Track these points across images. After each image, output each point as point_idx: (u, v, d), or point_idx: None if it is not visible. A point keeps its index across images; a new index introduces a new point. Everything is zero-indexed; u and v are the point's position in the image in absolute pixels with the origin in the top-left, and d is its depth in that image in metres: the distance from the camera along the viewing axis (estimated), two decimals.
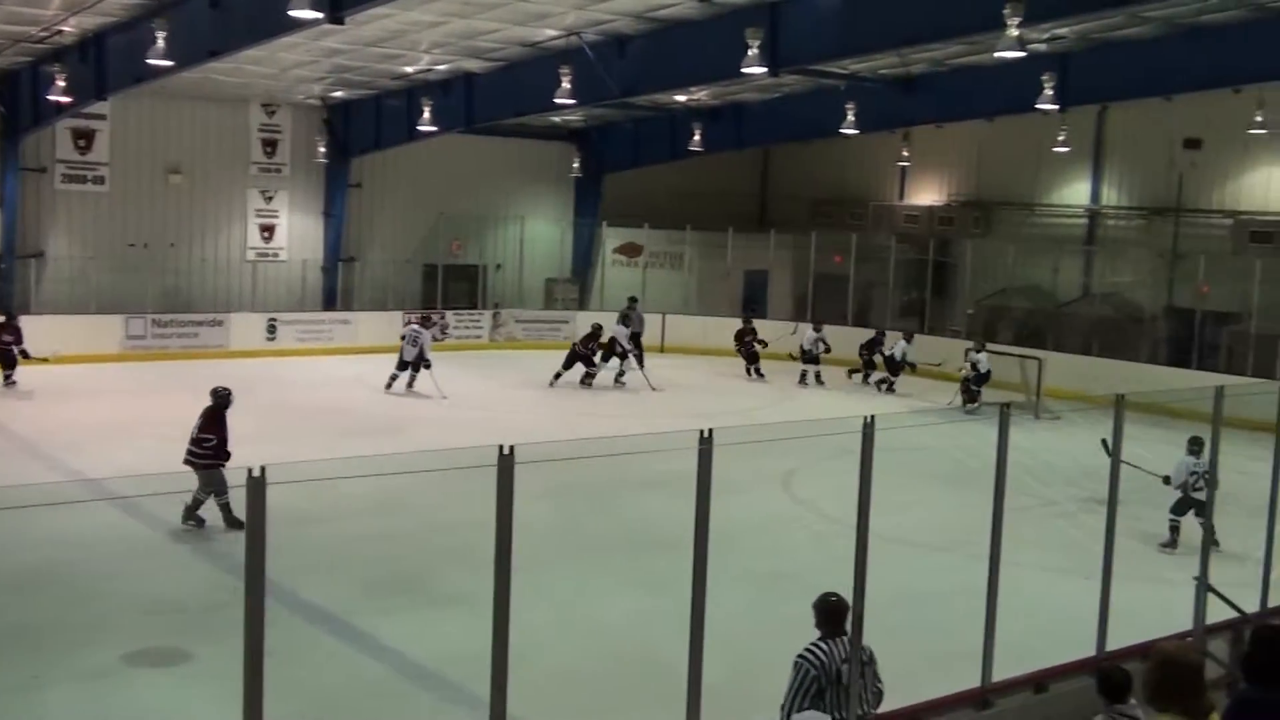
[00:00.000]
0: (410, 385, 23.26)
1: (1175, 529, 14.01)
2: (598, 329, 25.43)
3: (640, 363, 25.94)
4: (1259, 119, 23.67)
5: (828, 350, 26.45)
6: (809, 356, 26.33)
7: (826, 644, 7.05)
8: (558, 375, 24.78)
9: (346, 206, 30.62)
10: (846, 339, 28.02)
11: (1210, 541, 12.06)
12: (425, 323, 24.63)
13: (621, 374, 25.28)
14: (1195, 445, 13.82)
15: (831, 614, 7.15)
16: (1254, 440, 11.59)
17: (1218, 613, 9.51)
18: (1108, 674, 7.05)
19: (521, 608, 6.25)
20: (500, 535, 6.12)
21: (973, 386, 23.53)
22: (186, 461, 13.43)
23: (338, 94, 28.66)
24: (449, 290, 31.47)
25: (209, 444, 13.37)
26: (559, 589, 11.11)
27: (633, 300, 28.84)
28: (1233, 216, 26.27)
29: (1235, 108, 24.41)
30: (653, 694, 8.83)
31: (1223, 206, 26.81)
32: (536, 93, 22.79)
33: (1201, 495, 12.86)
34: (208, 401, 13.85)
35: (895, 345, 26.16)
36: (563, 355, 25.30)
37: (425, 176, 31.25)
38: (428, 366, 23.19)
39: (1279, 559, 10.65)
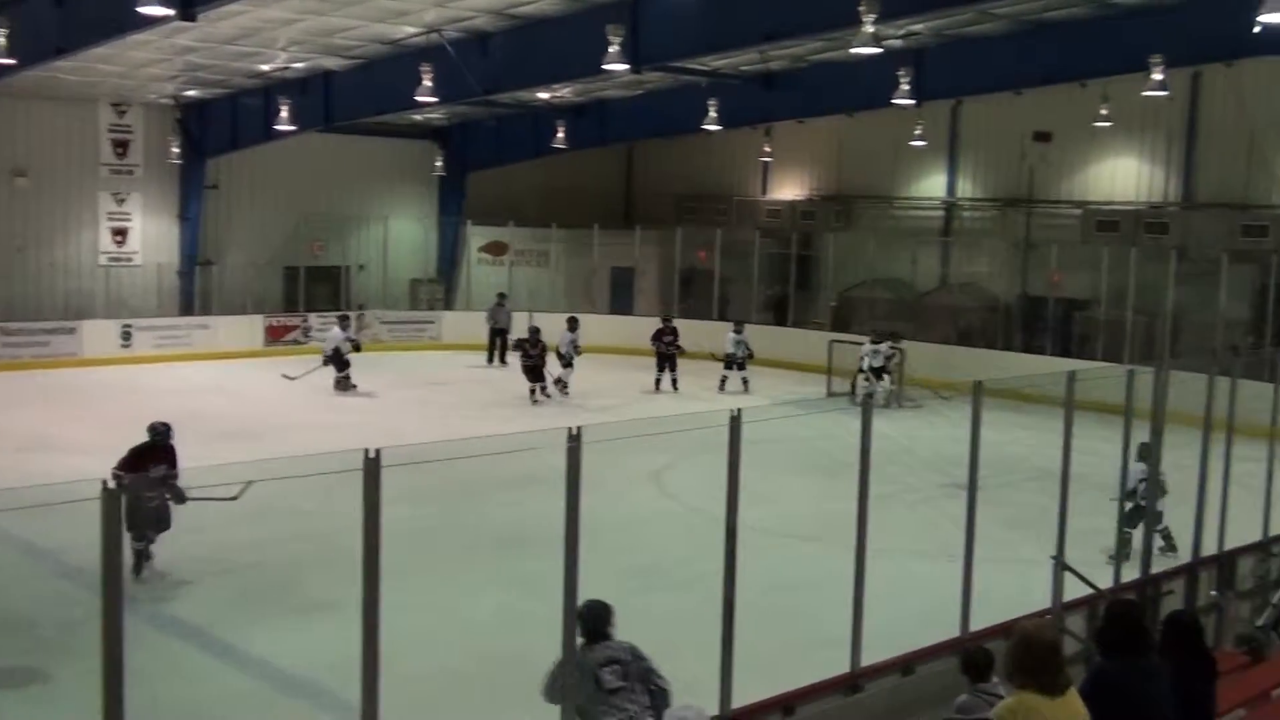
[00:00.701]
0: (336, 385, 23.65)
1: (1128, 541, 12.42)
2: (536, 330, 24.52)
3: (503, 358, 26.02)
4: (1104, 112, 24.50)
5: (750, 355, 25.67)
6: (731, 360, 25.52)
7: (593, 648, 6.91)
8: (538, 389, 23.88)
9: (203, 208, 29.87)
10: (711, 334, 28.29)
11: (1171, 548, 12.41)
12: (343, 322, 24.62)
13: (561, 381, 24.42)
14: (1145, 451, 12.28)
15: (595, 619, 7.05)
16: (1104, 422, 11.98)
17: (1075, 590, 9.81)
18: (971, 654, 7.25)
19: (392, 611, 6.16)
20: (368, 539, 6.03)
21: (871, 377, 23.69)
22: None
23: (191, 93, 27.94)
24: (311, 292, 30.91)
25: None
26: (430, 591, 11.00)
27: (501, 297, 28.79)
28: (1081, 207, 27.14)
29: (1082, 102, 25.25)
30: (526, 692, 8.79)
31: (1071, 197, 27.70)
32: (397, 91, 22.55)
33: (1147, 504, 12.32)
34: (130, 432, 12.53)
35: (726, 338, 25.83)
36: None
37: (284, 177, 30.65)
38: (326, 364, 23.38)
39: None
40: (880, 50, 17.79)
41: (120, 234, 29.18)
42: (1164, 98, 20.91)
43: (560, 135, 29.18)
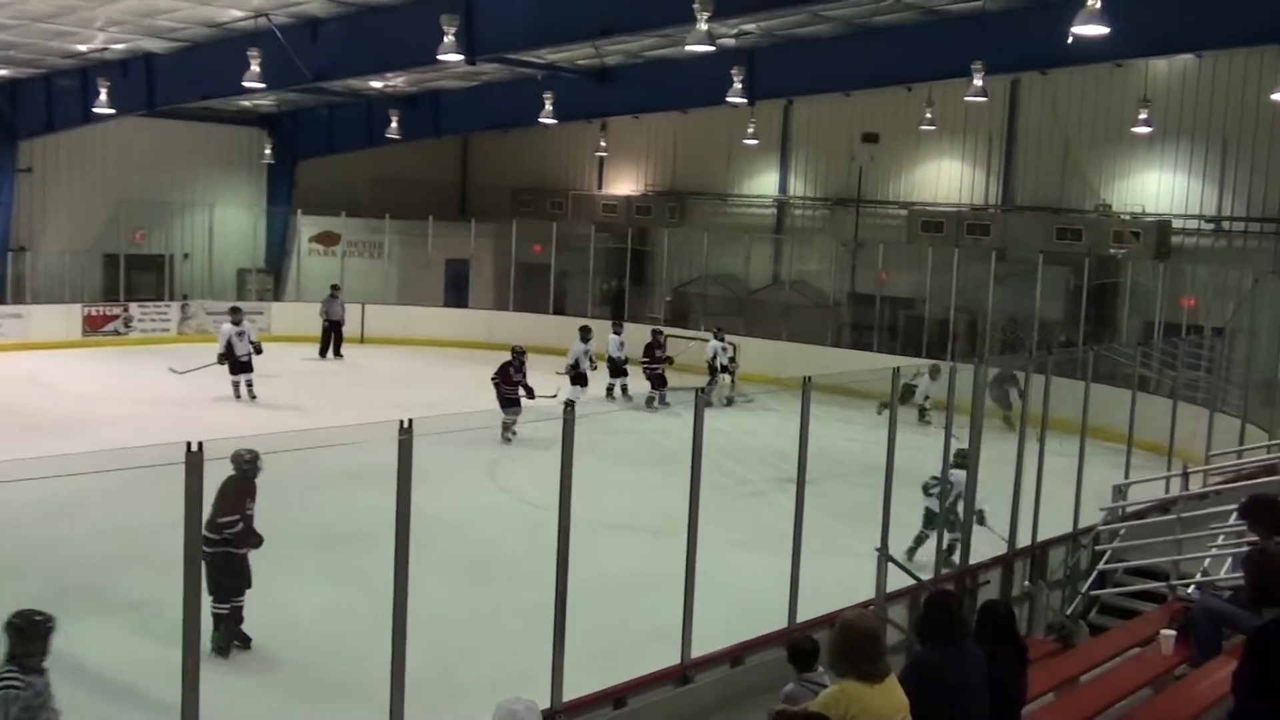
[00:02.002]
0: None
1: (924, 540, 12.83)
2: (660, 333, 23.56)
3: (337, 351, 25.56)
4: (929, 116, 25.22)
5: (734, 362, 24.09)
6: (715, 369, 23.77)
7: (29, 677, 6.39)
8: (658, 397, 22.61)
9: (15, 193, 28.53)
10: (548, 329, 28.29)
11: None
12: (235, 315, 22.55)
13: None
14: (960, 458, 12.47)
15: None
16: (928, 417, 12.37)
17: (898, 581, 10.10)
18: (797, 644, 7.40)
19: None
20: (189, 534, 5.88)
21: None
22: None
23: (2, 72, 26.66)
24: (133, 281, 29.83)
25: (232, 528, 9.93)
26: (256, 586, 10.72)
27: (334, 288, 28.22)
28: (907, 207, 27.91)
29: (908, 105, 26.00)
30: (355, 685, 8.68)
31: (898, 198, 28.45)
32: (223, 75, 21.86)
33: (933, 504, 12.65)
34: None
35: (708, 346, 24.03)
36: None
37: (104, 161, 29.48)
38: (221, 362, 21.68)
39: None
40: (714, 48, 17.99)
41: None
42: (985, 103, 21.64)
43: (394, 125, 28.77)
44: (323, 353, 27.72)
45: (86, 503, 13.39)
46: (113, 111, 24.46)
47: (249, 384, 21.65)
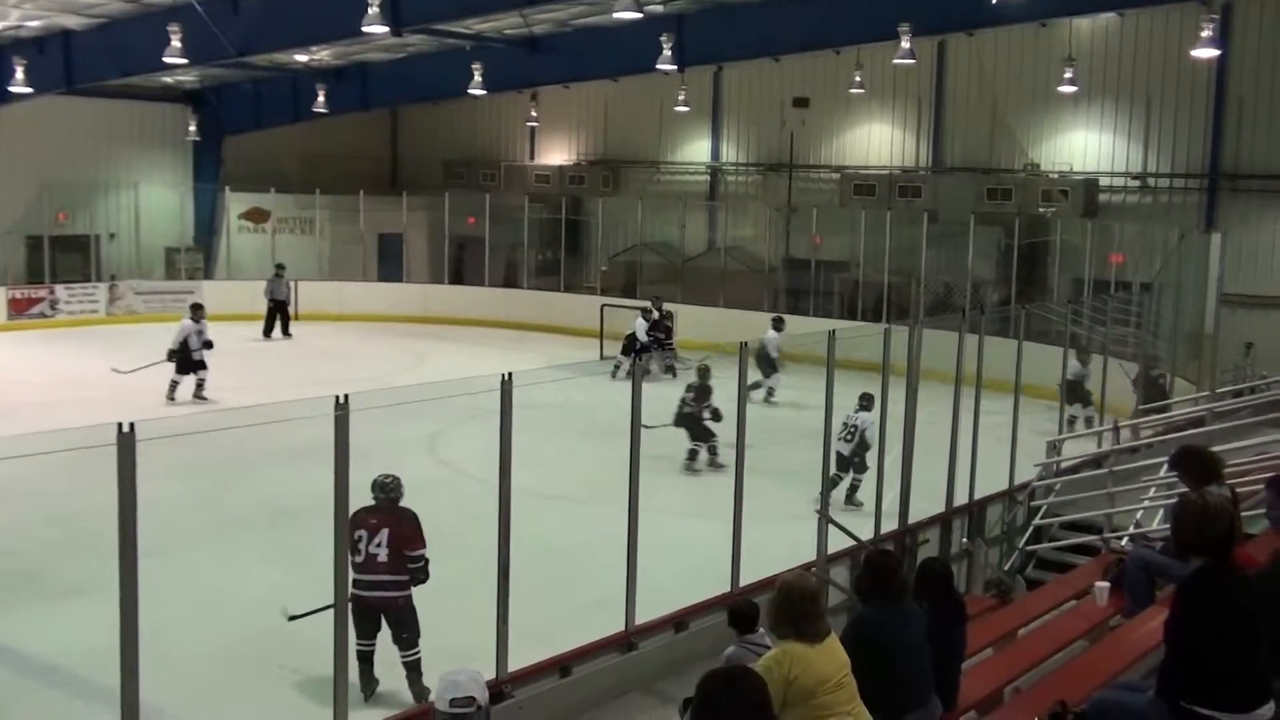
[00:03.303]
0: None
1: (837, 483, 13.12)
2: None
3: (285, 330, 25.29)
4: (858, 79, 25.33)
5: (671, 332, 23.61)
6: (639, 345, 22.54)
7: None
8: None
9: None
10: (484, 302, 28.18)
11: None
12: (196, 312, 20.58)
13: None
14: (865, 401, 13.09)
15: None
16: (866, 380, 12.47)
17: (839, 543, 10.20)
18: (737, 608, 7.46)
19: (155, 591, 5.96)
20: (124, 517, 5.80)
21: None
22: (371, 601, 8.41)
23: None
24: (58, 263, 29.29)
25: (417, 563, 8.59)
26: (196, 569, 10.64)
27: (279, 268, 27.70)
28: (839, 171, 28.03)
29: (837, 69, 26.08)
30: (300, 664, 8.64)
31: (830, 162, 28.56)
32: (143, 52, 21.50)
33: (845, 449, 13.06)
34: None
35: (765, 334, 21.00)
36: None
37: (23, 142, 28.79)
38: (170, 358, 19.83)
39: (890, 490, 11.53)
40: (641, 15, 18.00)
41: None
42: (913, 66, 21.74)
43: (321, 99, 28.42)
44: (267, 333, 27.10)
45: (18, 488, 13.16)
46: (30, 91, 23.94)
47: (200, 383, 19.80)
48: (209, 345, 20.19)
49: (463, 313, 29.43)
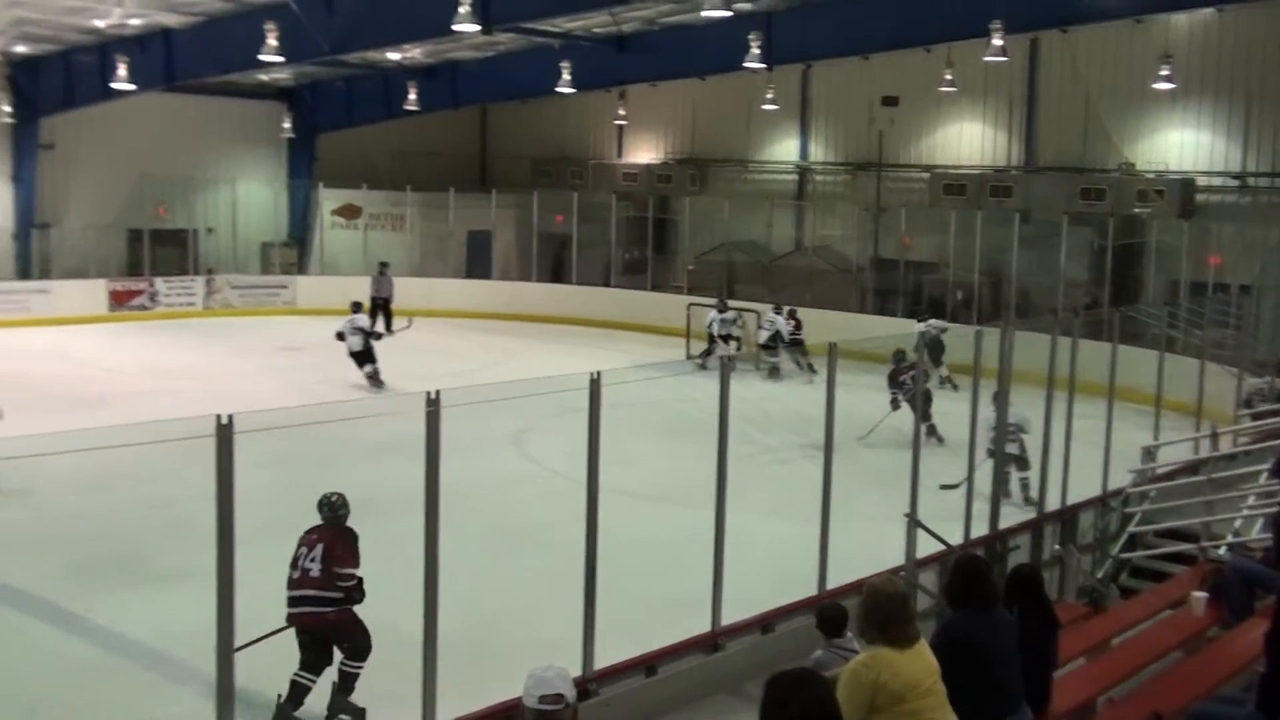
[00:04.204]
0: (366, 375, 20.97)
1: (1005, 479, 13.14)
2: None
3: (389, 327, 25.46)
4: (949, 77, 25.04)
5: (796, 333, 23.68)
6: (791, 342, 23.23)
7: None
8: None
9: (38, 169, 28.65)
10: (569, 300, 28.28)
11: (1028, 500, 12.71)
12: (356, 308, 21.72)
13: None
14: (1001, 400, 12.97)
15: None
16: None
17: (928, 547, 10.09)
18: (825, 611, 7.42)
19: (249, 579, 6.06)
20: (221, 506, 5.91)
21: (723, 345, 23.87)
22: (302, 618, 8.42)
23: (21, 49, 26.70)
24: (157, 256, 29.96)
25: (348, 581, 8.50)
26: (286, 559, 10.79)
27: (383, 266, 27.84)
28: (929, 170, 27.73)
29: (927, 67, 25.78)
30: (388, 655, 8.73)
31: (919, 161, 28.27)
32: (241, 49, 21.88)
33: (1014, 449, 12.87)
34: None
35: (773, 321, 23.73)
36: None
37: (126, 137, 29.51)
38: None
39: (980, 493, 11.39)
40: (730, 13, 17.94)
41: None
42: (1005, 63, 21.44)
43: (412, 97, 28.73)
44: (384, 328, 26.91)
45: (118, 474, 13.48)
46: (132, 87, 24.49)
47: (371, 375, 20.86)
48: (377, 336, 21.47)
49: (549, 310, 29.58)
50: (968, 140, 27.67)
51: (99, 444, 11.49)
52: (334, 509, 8.68)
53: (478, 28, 18.41)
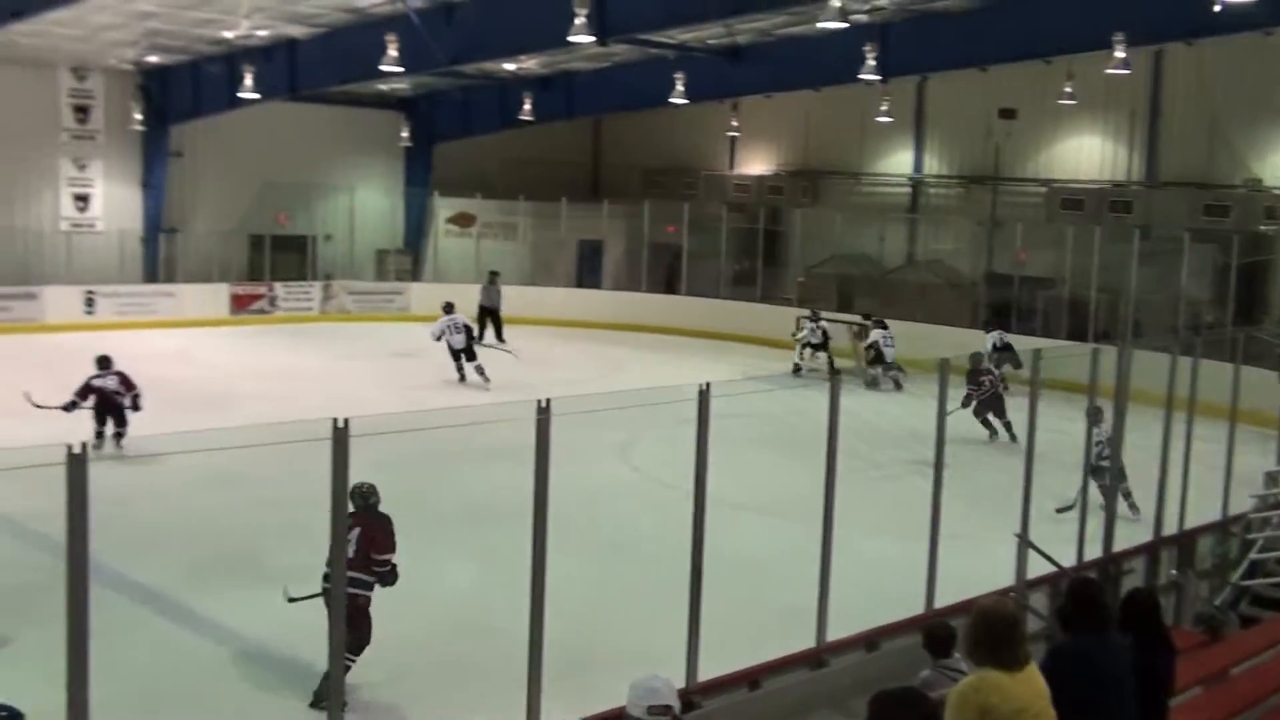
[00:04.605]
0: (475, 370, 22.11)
1: (1083, 492, 13.36)
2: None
3: (499, 337, 25.84)
4: (1068, 90, 24.59)
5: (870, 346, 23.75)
6: (877, 356, 23.39)
7: None
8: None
9: (166, 175, 29.56)
10: (678, 310, 28.31)
11: (1132, 507, 12.54)
12: (448, 309, 22.55)
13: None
14: (1096, 415, 13.03)
15: None
16: (1068, 401, 12.10)
17: (1038, 568, 9.90)
18: (932, 630, 7.31)
19: None
20: (336, 509, 6.03)
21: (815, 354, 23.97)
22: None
23: (153, 59, 27.59)
24: (277, 262, 30.71)
25: (384, 566, 9.02)
26: (397, 562, 10.97)
27: (493, 275, 28.16)
28: (1046, 185, 27.26)
29: (1046, 79, 25.34)
30: (493, 660, 8.82)
31: (1037, 175, 27.81)
32: (362, 60, 22.34)
33: (1107, 464, 12.71)
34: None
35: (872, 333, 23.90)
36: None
37: (249, 145, 30.32)
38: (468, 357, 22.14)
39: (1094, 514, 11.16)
40: (846, 25, 17.82)
41: (82, 200, 28.87)
42: (1127, 76, 21.00)
43: (527, 107, 29.03)
44: (479, 337, 27.22)
45: (235, 475, 13.82)
46: (257, 96, 25.15)
47: (479, 369, 21.95)
48: (471, 335, 22.33)
49: (658, 320, 29.66)
50: (1087, 154, 27.16)
51: (220, 445, 11.79)
52: (365, 498, 9.05)
53: (593, 39, 18.55)
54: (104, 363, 16.44)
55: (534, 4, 19.74)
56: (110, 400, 15.99)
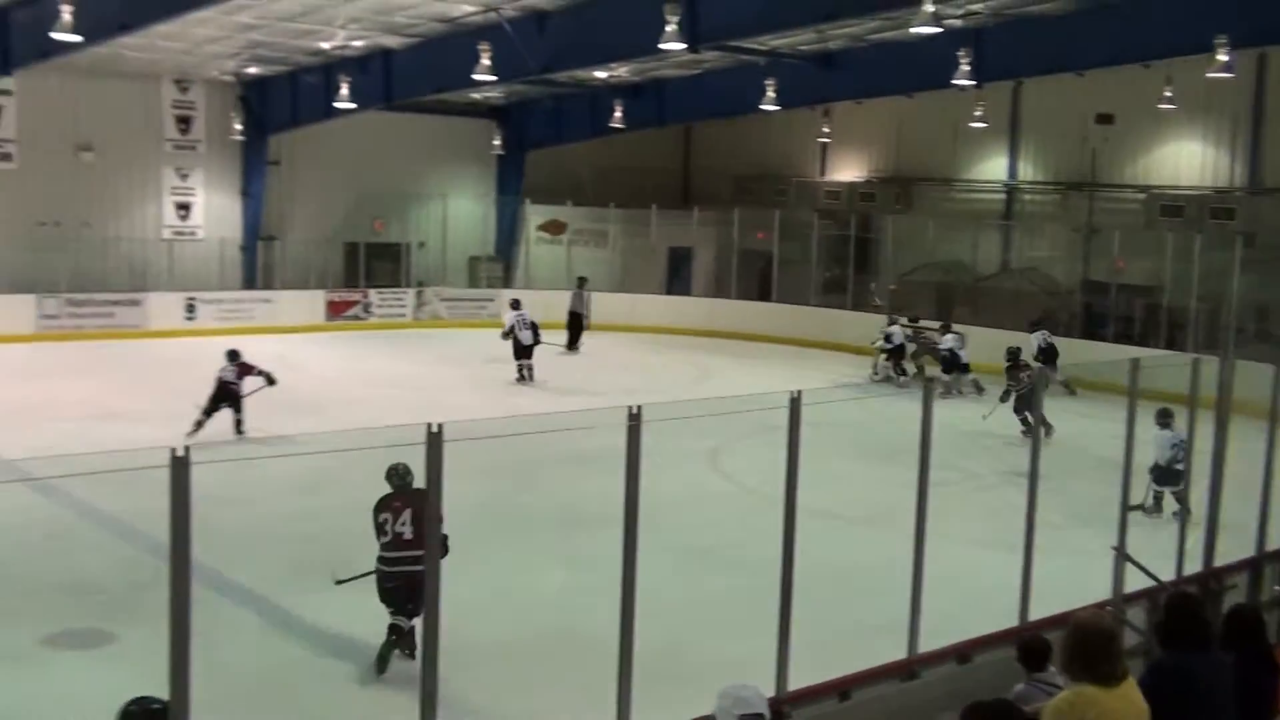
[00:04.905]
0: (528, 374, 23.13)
1: (1159, 497, 14.05)
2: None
3: (573, 344, 26.16)
4: (1168, 94, 24.10)
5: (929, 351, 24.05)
6: (950, 362, 23.03)
7: None
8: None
9: (265, 184, 30.16)
10: (768, 317, 28.21)
11: (1185, 512, 12.41)
12: (515, 305, 23.91)
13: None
14: (1166, 418, 13.75)
15: None
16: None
17: (1136, 582, 9.71)
18: (1028, 643, 7.19)
19: (451, 584, 6.22)
20: (430, 513, 6.09)
21: (887, 359, 23.88)
22: (406, 576, 9.16)
23: (253, 70, 28.18)
24: (372, 268, 31.17)
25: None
26: (489, 565, 11.09)
27: (581, 280, 28.39)
28: (1145, 191, 26.75)
29: (1145, 83, 24.85)
30: (583, 665, 8.85)
31: (1135, 181, 27.29)
32: (455, 69, 22.60)
33: (1182, 467, 12.91)
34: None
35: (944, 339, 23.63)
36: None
37: (345, 154, 30.85)
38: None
39: (1194, 527, 10.91)
40: (940, 30, 17.66)
41: (184, 208, 29.57)
42: (1229, 80, 20.53)
43: (618, 115, 29.14)
44: (570, 344, 27.37)
45: (327, 478, 14.04)
46: (353, 106, 25.59)
47: (529, 368, 22.98)
48: (537, 332, 23.19)
49: (748, 328, 29.61)
50: (1187, 159, 26.60)
51: (316, 449, 11.99)
52: (402, 476, 9.57)
53: (684, 46, 18.57)
54: (232, 355, 17.89)
55: (626, 12, 19.82)
56: (225, 389, 17.37)
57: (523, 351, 22.91)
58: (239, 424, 17.35)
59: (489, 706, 8.97)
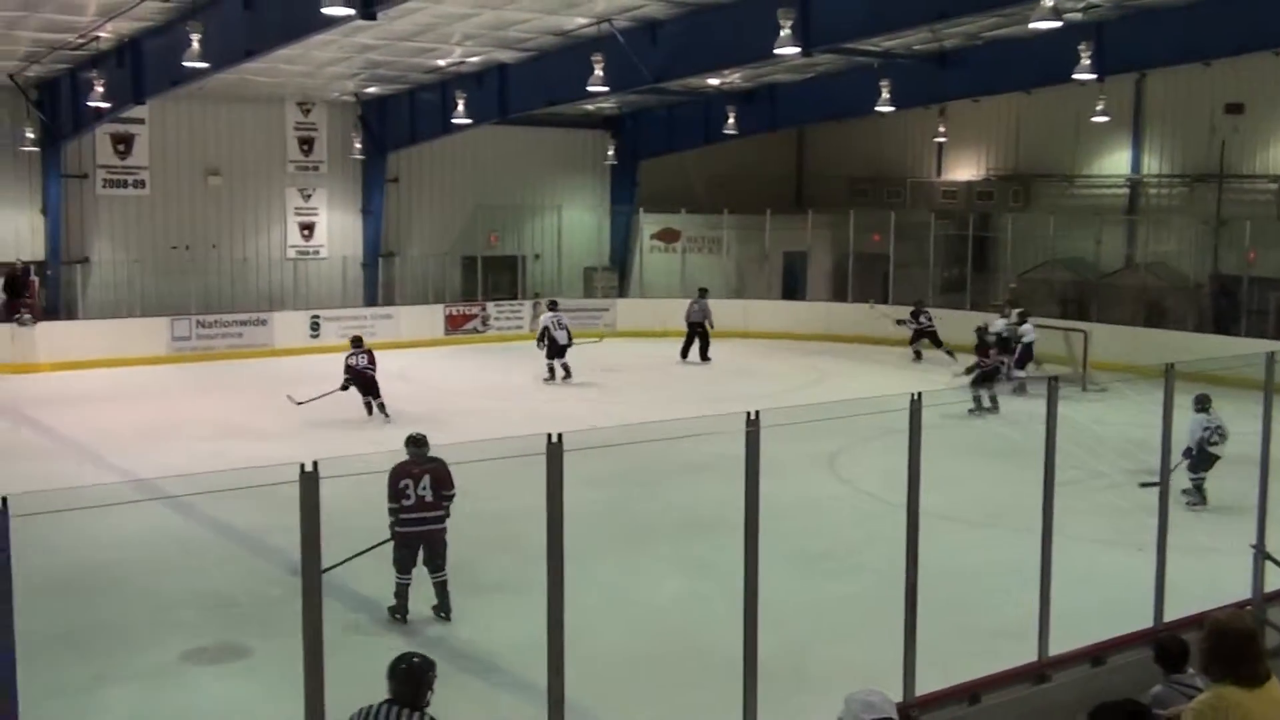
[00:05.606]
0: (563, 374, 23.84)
1: (1199, 487, 14.16)
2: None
3: (702, 355, 26.20)
4: None
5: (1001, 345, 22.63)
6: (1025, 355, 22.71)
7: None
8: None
9: (384, 202, 30.75)
10: (861, 320, 27.90)
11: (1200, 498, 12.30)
12: (552, 306, 24.85)
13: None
14: (1204, 403, 14.15)
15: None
16: None
17: (1276, 581, 9.41)
18: (1165, 644, 7.01)
19: (572, 593, 6.25)
20: (551, 521, 6.13)
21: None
22: (422, 534, 10.62)
23: (371, 90, 28.76)
24: (489, 282, 31.57)
25: (449, 501, 10.79)
26: (609, 574, 11.13)
27: (703, 291, 28.18)
28: (1277, 181, 25.89)
29: (1276, 70, 24.07)
30: (705, 673, 8.86)
31: (1267, 171, 26.45)
32: (569, 81, 22.80)
33: (1219, 450, 13.77)
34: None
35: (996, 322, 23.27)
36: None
37: (461, 169, 31.35)
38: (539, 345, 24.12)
39: None
40: (1059, 24, 17.30)
41: (307, 228, 30.27)
42: None
43: (730, 121, 29.09)
44: (684, 354, 27.16)
45: (457, 491, 14.20)
46: (470, 121, 25.96)
47: (565, 366, 23.71)
48: (570, 333, 24.03)
49: (865, 331, 29.33)
50: None
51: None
52: (418, 445, 10.70)
53: (798, 49, 18.47)
54: (357, 342, 19.19)
55: (738, 18, 19.79)
56: (362, 375, 18.88)
57: (556, 351, 23.61)
58: (382, 407, 18.90)
59: (606, 714, 8.97)
